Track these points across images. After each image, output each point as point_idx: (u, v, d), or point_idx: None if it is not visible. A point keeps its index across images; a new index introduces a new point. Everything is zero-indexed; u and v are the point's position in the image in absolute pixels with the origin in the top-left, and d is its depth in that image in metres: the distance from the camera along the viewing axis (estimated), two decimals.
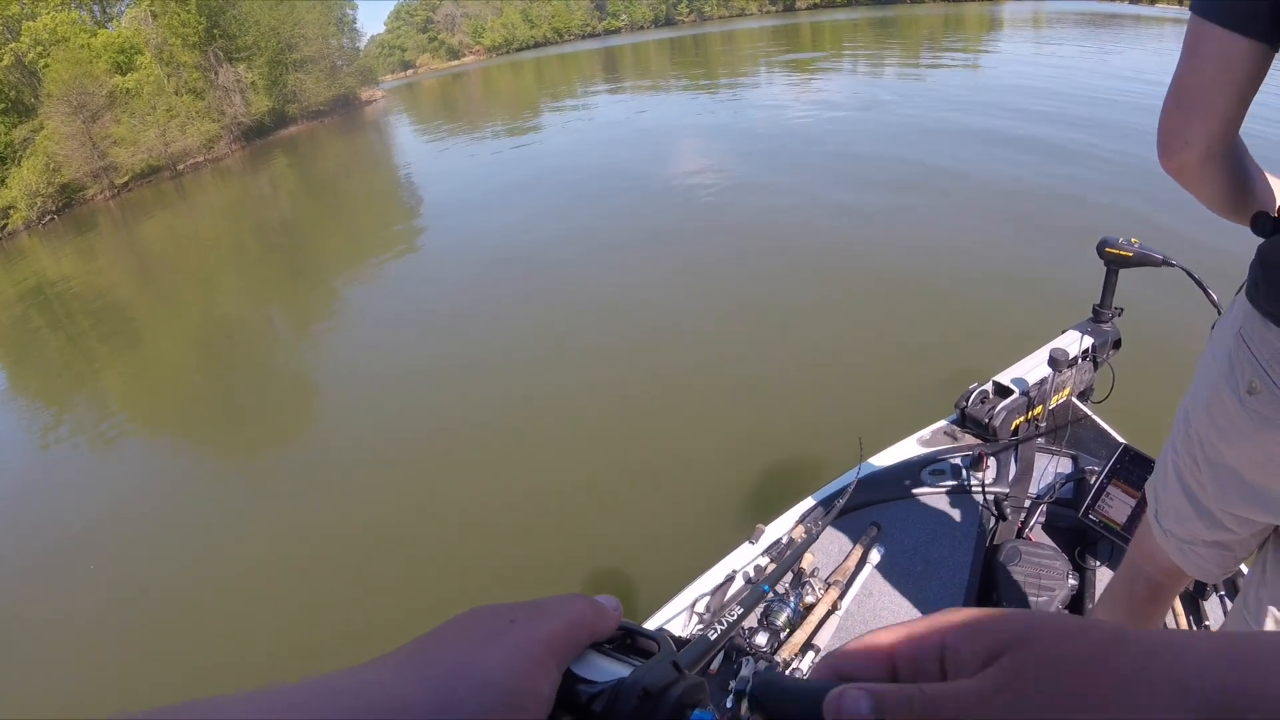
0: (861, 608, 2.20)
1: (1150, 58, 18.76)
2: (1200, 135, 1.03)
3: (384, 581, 3.88)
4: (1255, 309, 1.05)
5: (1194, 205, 1.22)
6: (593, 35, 77.28)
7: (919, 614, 2.15)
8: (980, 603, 2.16)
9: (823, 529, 2.46)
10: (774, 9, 77.16)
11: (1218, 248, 3.77)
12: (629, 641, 0.44)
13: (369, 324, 8.10)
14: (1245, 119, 1.04)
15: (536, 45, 75.21)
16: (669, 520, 3.78)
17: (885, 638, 0.34)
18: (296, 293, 10.31)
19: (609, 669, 0.41)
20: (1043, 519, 2.36)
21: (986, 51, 25.65)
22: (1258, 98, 1.01)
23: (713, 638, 0.77)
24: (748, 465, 4.07)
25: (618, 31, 77.37)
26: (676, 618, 2.18)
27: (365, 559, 4.12)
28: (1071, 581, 2.13)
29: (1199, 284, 2.23)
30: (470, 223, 11.35)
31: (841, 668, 0.35)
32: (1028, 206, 7.74)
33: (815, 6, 74.30)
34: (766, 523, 2.41)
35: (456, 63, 75.31)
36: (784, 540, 2.37)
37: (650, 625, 2.15)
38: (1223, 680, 0.26)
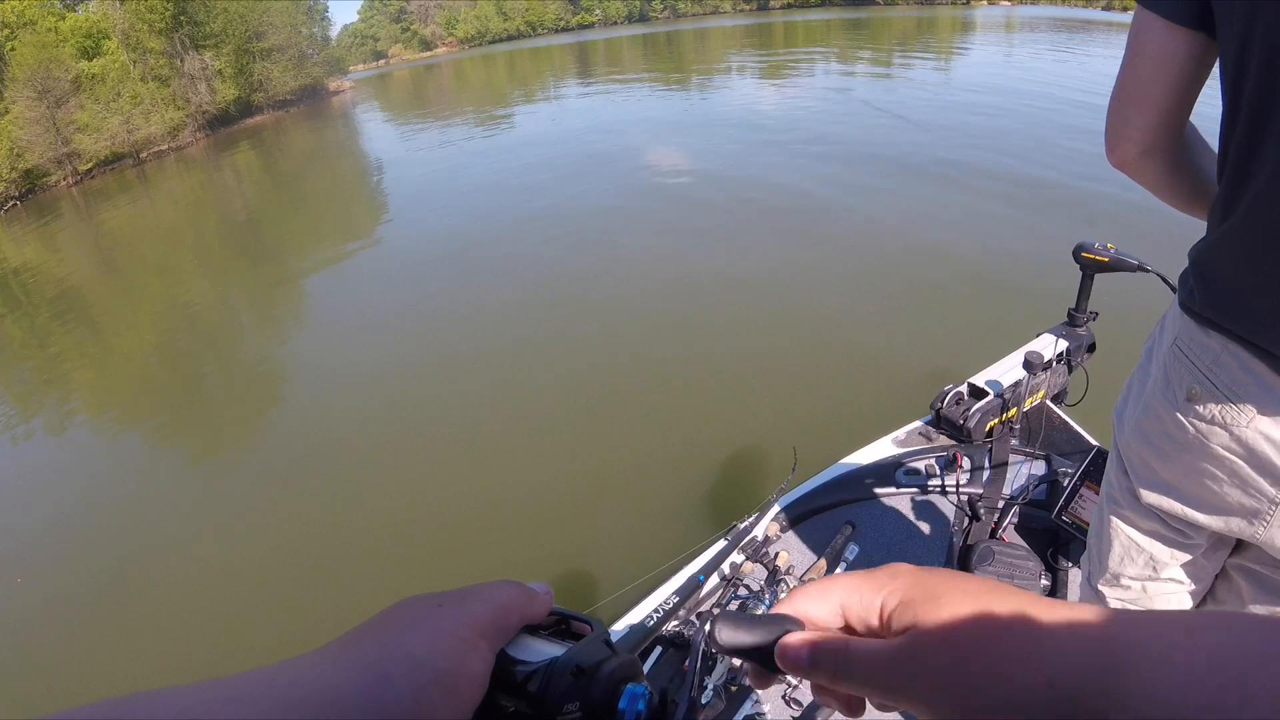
0: None
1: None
2: (1139, 129, 1.05)
3: (344, 578, 3.79)
4: (1190, 318, 1.05)
5: (1171, 211, 1.24)
6: (566, 30, 76.93)
7: None
8: None
9: (797, 527, 2.46)
10: (748, 8, 77.48)
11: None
12: (564, 626, 0.45)
13: (328, 317, 7.98)
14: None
15: (510, 38, 74.71)
16: (642, 519, 3.76)
17: (838, 587, 0.38)
18: (258, 283, 10.13)
19: (543, 650, 0.42)
20: (1016, 520, 2.37)
21: (958, 53, 25.99)
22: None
23: (649, 625, 0.82)
24: (722, 464, 4.08)
25: (591, 26, 77.13)
26: (651, 615, 2.16)
27: (325, 555, 4.04)
28: (1044, 582, 2.15)
29: (1173, 289, 2.25)
30: (431, 215, 11.29)
31: (800, 606, 0.38)
32: (1003, 208, 7.84)
33: (789, 6, 74.77)
34: (741, 521, 2.40)
35: (429, 54, 74.53)
36: (760, 538, 2.36)
37: (626, 623, 2.14)
38: (1088, 680, 0.28)
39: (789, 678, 0.39)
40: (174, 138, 31.50)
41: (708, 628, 0.39)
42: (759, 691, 1.95)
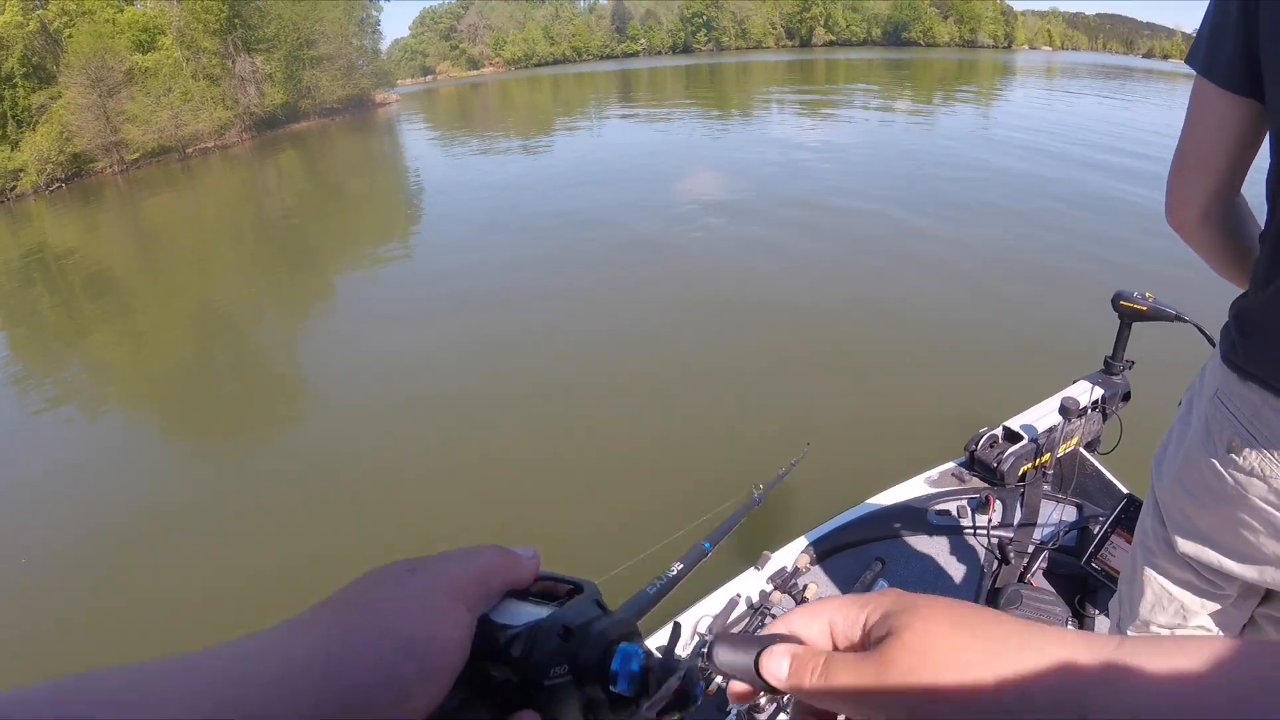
0: None
1: (1166, 112, 19.00)
2: (1199, 194, 1.09)
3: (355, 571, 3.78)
4: (1231, 370, 1.08)
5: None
6: (610, 57, 77.97)
7: None
8: None
9: (826, 560, 2.48)
10: (790, 44, 78.19)
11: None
12: (555, 591, 0.42)
13: (356, 320, 8.02)
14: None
15: (555, 62, 75.79)
16: (673, 545, 3.74)
17: (828, 607, 0.38)
18: (292, 282, 10.27)
19: (529, 613, 0.39)
20: (1045, 565, 2.37)
21: (998, 95, 26.00)
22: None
23: (651, 592, 0.79)
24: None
25: (635, 55, 78.09)
26: (681, 636, 2.18)
27: (337, 550, 4.02)
28: (1070, 628, 2.14)
29: (1211, 342, 2.26)
30: (467, 225, 11.43)
31: (792, 625, 0.39)
32: (1045, 253, 7.83)
33: (831, 44, 75.32)
34: (773, 550, 2.42)
35: (475, 73, 75.83)
36: (789, 569, 2.38)
37: (651, 643, 2.16)
38: (1061, 691, 0.29)
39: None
40: (220, 136, 32.26)
41: (705, 650, 0.39)
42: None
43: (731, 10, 77.62)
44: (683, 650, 2.13)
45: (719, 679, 1.97)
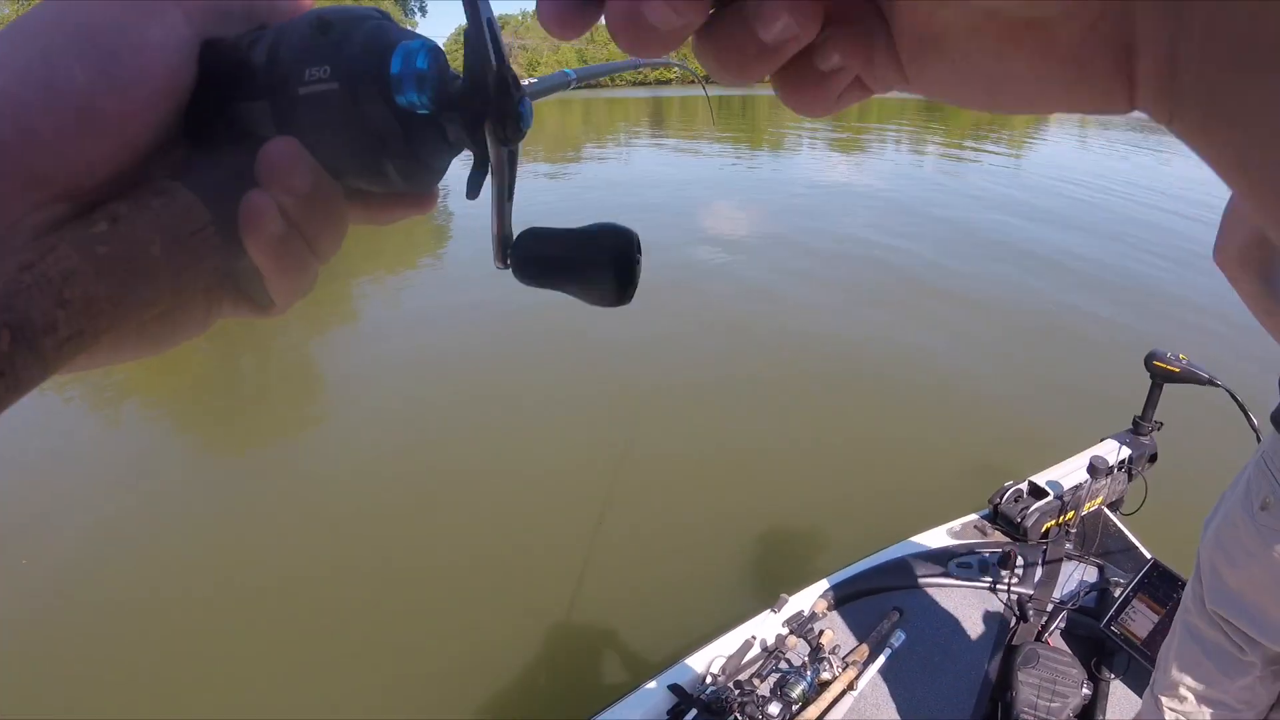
0: (876, 691, 2.21)
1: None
2: (1240, 236, 1.11)
3: (365, 597, 3.68)
4: (1276, 429, 1.09)
5: (1251, 331, 1.27)
6: (643, 84, 78.84)
7: (932, 704, 2.16)
8: (992, 700, 2.17)
9: (844, 606, 2.48)
10: None
11: (1269, 376, 3.78)
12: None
13: (382, 322, 8.12)
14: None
15: (587, 86, 76.49)
16: (689, 581, 3.70)
17: None
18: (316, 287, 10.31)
19: None
20: (1063, 625, 2.36)
21: (1032, 141, 25.97)
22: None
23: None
24: (777, 533, 4.05)
25: (668, 83, 78.88)
26: (694, 675, 2.19)
27: (344, 559, 3.98)
28: (1085, 691, 2.12)
29: (1242, 408, 2.26)
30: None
31: None
32: (1075, 312, 7.75)
33: None
34: (791, 593, 2.43)
35: None
36: (805, 613, 2.38)
37: (665, 679, 2.16)
38: None
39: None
40: None
41: None
42: None
43: None
44: (706, 691, 2.13)
45: None
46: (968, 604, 2.47)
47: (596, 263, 0.31)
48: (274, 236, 0.28)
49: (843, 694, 2.15)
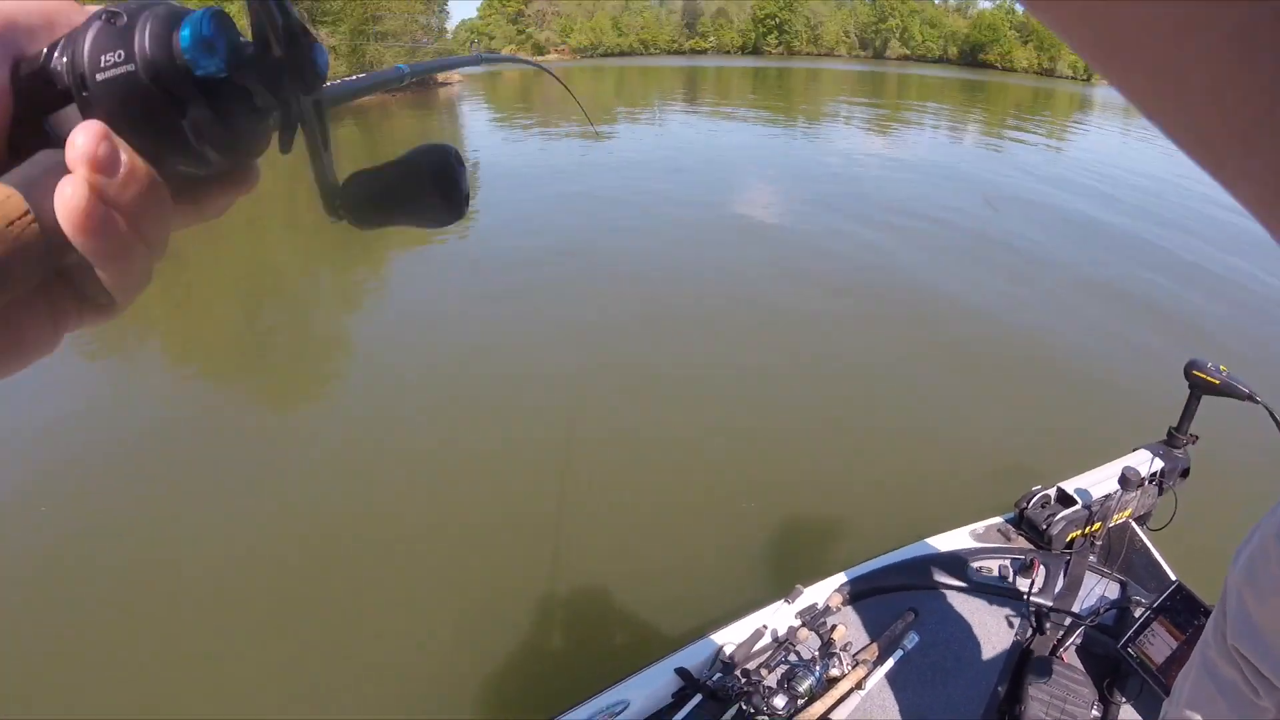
0: (883, 692, 2.18)
1: None
2: None
3: (372, 580, 3.65)
4: None
5: None
6: (678, 53, 77.79)
7: (939, 711, 2.13)
8: (1000, 713, 2.13)
9: (858, 602, 2.44)
10: (863, 54, 77.25)
11: None
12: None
13: (407, 298, 8.01)
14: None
15: (622, 54, 75.83)
16: (709, 561, 3.70)
17: None
18: (343, 251, 10.12)
19: None
20: (1079, 640, 2.31)
21: (1074, 131, 25.39)
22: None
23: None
24: (798, 521, 4.02)
25: (704, 52, 77.83)
26: (702, 661, 2.18)
27: (351, 541, 3.96)
28: (1094, 713, 2.08)
29: (1279, 426, 2.18)
30: (523, 217, 11.33)
31: None
32: (1117, 307, 7.59)
33: (905, 59, 74.29)
34: (806, 584, 2.40)
35: (540, 59, 76.11)
36: (819, 606, 2.35)
37: (672, 662, 2.15)
38: None
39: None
40: None
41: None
42: None
43: (805, 14, 76.94)
44: (714, 676, 2.11)
45: None
46: (984, 611, 2.42)
47: (419, 184, 0.33)
48: (91, 217, 0.28)
49: (850, 692, 2.12)
